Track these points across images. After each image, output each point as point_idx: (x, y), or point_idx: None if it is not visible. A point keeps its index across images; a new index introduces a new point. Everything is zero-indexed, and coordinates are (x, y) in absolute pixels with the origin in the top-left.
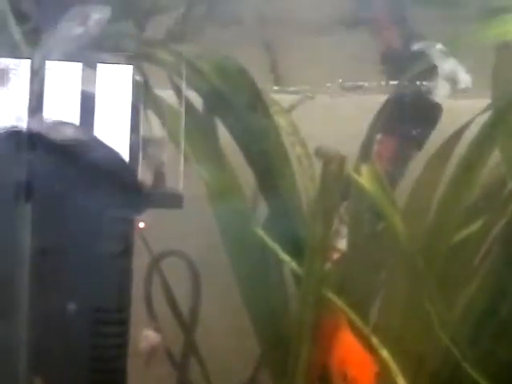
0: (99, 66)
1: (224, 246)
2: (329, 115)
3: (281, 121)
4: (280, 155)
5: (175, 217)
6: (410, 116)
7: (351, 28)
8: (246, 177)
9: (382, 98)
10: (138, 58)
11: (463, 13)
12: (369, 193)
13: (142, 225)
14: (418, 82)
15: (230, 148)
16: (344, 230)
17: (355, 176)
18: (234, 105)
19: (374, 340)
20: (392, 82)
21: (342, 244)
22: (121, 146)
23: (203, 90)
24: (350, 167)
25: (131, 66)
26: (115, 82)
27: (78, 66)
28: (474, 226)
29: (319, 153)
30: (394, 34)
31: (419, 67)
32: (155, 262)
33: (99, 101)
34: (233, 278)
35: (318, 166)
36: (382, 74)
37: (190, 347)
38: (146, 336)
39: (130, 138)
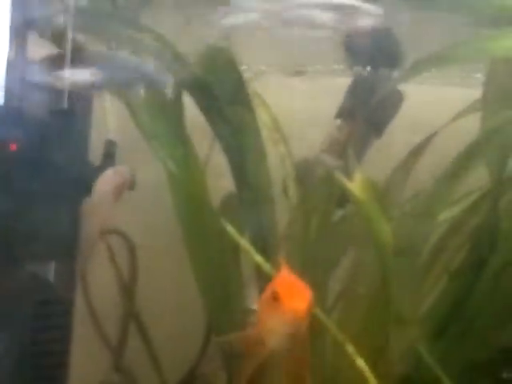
0: None
1: (183, 234)
2: (283, 95)
3: (263, 116)
4: (257, 152)
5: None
6: (370, 103)
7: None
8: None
9: (342, 82)
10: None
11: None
12: (360, 201)
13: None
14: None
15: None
16: None
17: (348, 183)
18: (217, 95)
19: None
20: (355, 68)
21: None
22: None
23: (183, 78)
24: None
25: None
26: None
27: None
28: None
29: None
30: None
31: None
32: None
33: None
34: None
35: None
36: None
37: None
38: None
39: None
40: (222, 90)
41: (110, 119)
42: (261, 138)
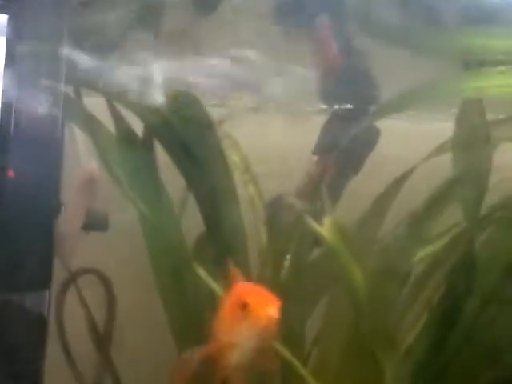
0: None
1: (155, 278)
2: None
3: (233, 156)
4: (228, 193)
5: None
6: (346, 139)
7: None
8: None
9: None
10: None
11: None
12: (329, 244)
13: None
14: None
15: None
16: None
17: (318, 228)
18: (184, 138)
19: None
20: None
21: None
22: None
23: (151, 121)
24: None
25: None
26: None
27: None
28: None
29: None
30: (335, 58)
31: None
32: (70, 280)
33: None
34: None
35: None
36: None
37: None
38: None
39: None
40: (188, 132)
41: (82, 157)
42: (231, 179)
